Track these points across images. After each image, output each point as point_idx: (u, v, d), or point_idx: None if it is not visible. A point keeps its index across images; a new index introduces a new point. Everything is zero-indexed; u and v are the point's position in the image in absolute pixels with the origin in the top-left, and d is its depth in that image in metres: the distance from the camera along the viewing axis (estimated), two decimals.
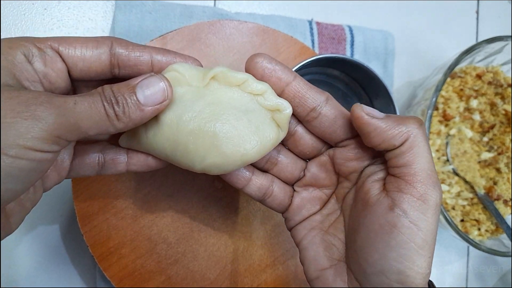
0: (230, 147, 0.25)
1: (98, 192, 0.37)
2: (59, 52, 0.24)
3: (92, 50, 0.25)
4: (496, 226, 0.48)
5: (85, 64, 0.25)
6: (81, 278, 0.43)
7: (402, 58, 0.52)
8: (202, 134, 0.25)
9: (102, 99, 0.22)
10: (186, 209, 0.39)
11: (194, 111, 0.25)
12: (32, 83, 0.23)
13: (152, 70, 0.26)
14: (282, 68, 0.26)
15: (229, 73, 0.26)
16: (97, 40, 0.25)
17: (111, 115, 0.22)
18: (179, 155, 0.26)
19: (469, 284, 0.53)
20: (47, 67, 0.24)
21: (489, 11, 0.55)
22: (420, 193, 0.23)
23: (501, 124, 0.49)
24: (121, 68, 0.26)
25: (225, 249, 0.40)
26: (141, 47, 0.26)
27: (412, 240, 0.23)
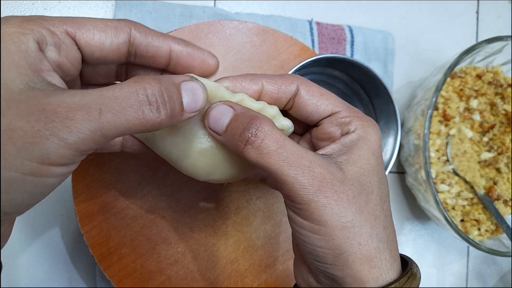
0: (237, 167, 0.26)
1: (98, 192, 0.37)
2: (76, 39, 0.22)
3: (111, 37, 0.23)
4: (496, 226, 0.48)
5: (103, 53, 0.23)
6: (81, 278, 0.43)
7: (402, 58, 0.52)
8: (214, 156, 0.25)
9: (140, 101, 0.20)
10: (186, 209, 0.39)
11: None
12: (48, 73, 0.21)
13: (169, 62, 0.25)
14: (247, 83, 0.26)
15: (248, 102, 0.25)
16: (116, 27, 0.23)
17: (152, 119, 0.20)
18: (185, 165, 0.26)
19: (469, 284, 0.53)
20: (61, 56, 0.22)
21: (489, 11, 0.55)
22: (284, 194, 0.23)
23: (501, 124, 0.49)
24: (137, 57, 0.25)
25: (225, 249, 0.40)
26: (160, 38, 0.24)
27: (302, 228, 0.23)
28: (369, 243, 0.23)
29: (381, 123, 0.43)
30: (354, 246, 0.23)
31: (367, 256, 0.23)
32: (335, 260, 0.23)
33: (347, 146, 0.25)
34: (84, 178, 0.37)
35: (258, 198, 0.41)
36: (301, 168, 0.22)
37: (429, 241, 0.53)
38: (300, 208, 0.23)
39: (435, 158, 0.47)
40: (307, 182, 0.22)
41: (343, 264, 0.23)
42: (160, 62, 0.25)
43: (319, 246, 0.23)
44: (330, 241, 0.22)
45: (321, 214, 0.22)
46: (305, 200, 0.22)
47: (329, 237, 0.22)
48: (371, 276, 0.23)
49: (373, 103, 0.44)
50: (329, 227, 0.22)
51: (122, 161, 0.37)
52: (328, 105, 0.26)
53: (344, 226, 0.22)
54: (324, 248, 0.23)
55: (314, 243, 0.23)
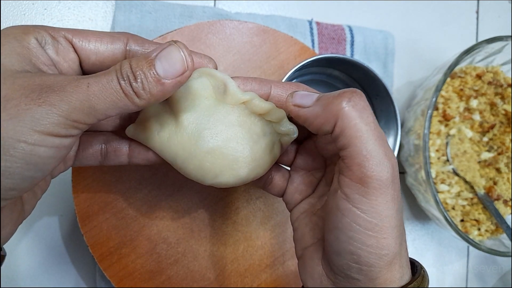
0: (247, 170, 0.26)
1: (98, 192, 0.37)
2: (73, 43, 0.24)
3: (106, 45, 0.24)
4: (496, 226, 0.48)
5: (98, 58, 0.24)
6: (81, 278, 0.43)
7: (402, 58, 0.52)
8: (222, 156, 0.25)
9: (118, 77, 0.21)
10: (186, 209, 0.39)
11: (216, 129, 0.25)
12: (49, 66, 0.23)
13: None
14: (257, 85, 0.26)
15: (257, 102, 0.26)
16: (113, 36, 0.24)
17: (129, 93, 0.21)
18: (191, 168, 0.26)
19: (469, 284, 0.53)
20: (59, 56, 0.23)
21: (489, 11, 0.55)
22: (357, 176, 0.22)
23: (501, 124, 0.49)
24: None
25: (225, 249, 0.40)
26: (157, 45, 0.25)
27: (356, 223, 0.22)
28: (402, 242, 0.23)
29: (381, 123, 0.43)
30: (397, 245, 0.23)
31: (400, 256, 0.23)
32: (378, 262, 0.22)
33: None
34: (84, 178, 0.37)
35: (258, 198, 0.41)
36: (389, 150, 0.22)
37: (429, 241, 0.53)
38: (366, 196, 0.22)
39: (435, 158, 0.47)
40: (389, 169, 0.22)
41: (384, 265, 0.22)
42: None
43: (368, 244, 0.22)
44: (381, 239, 0.22)
45: (385, 208, 0.22)
46: (381, 186, 0.22)
47: (382, 235, 0.22)
48: (398, 275, 0.23)
49: (373, 103, 0.44)
50: (386, 224, 0.22)
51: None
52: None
53: (395, 225, 0.22)
54: (372, 248, 0.22)
55: (364, 241, 0.22)
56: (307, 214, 0.28)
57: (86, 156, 0.27)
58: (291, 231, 0.41)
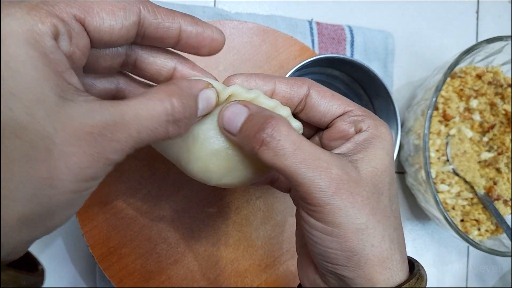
0: (253, 171, 0.26)
1: (98, 192, 0.37)
2: (85, 25, 0.20)
3: (121, 20, 0.21)
4: (496, 226, 0.48)
5: (112, 38, 0.22)
6: (81, 278, 0.43)
7: (402, 58, 0.52)
8: (227, 157, 0.25)
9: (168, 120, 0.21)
10: (186, 209, 0.39)
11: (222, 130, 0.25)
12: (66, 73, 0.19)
13: (178, 42, 0.24)
14: (261, 81, 0.26)
15: (262, 100, 0.25)
16: (125, 8, 0.21)
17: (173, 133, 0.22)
18: (195, 169, 0.25)
19: (469, 284, 0.53)
20: (72, 46, 0.20)
21: (489, 11, 0.55)
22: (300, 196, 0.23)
23: (501, 124, 0.49)
24: (145, 38, 0.24)
25: (225, 249, 0.40)
26: (170, 17, 0.23)
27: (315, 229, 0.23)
28: (381, 244, 0.23)
29: None
30: (367, 248, 0.22)
31: (379, 258, 0.23)
32: (347, 262, 0.23)
33: (361, 144, 0.25)
34: None
35: (258, 198, 0.41)
36: (318, 170, 0.22)
37: (429, 241, 0.53)
38: (314, 210, 0.22)
39: (435, 158, 0.47)
40: (324, 185, 0.22)
41: (355, 266, 0.23)
42: (168, 43, 0.25)
43: (331, 247, 0.23)
44: (343, 243, 0.22)
45: (335, 217, 0.22)
46: (320, 203, 0.22)
47: (342, 239, 0.22)
48: (382, 277, 0.23)
49: (373, 103, 0.44)
50: (343, 229, 0.22)
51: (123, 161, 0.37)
52: (341, 104, 0.26)
53: (358, 228, 0.22)
54: (336, 250, 0.22)
55: (326, 244, 0.23)
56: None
57: None
58: (291, 231, 0.41)
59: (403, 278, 0.24)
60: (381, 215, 0.23)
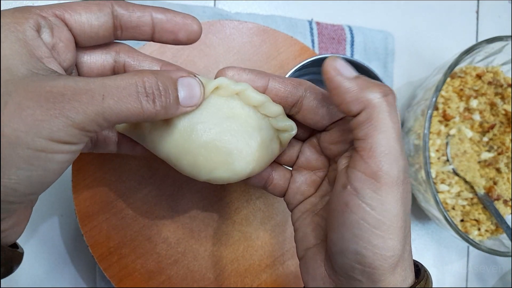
0: (242, 164, 0.25)
1: (98, 192, 0.37)
2: (65, 20, 0.23)
3: (96, 13, 0.24)
4: (496, 226, 0.48)
5: (93, 30, 0.24)
6: (81, 278, 0.43)
7: (402, 58, 0.52)
8: (215, 149, 0.25)
9: (138, 91, 0.21)
10: (186, 209, 0.39)
11: (210, 122, 0.25)
12: (47, 59, 0.22)
13: (154, 30, 0.26)
14: (253, 76, 0.26)
15: (251, 93, 0.25)
16: (98, 3, 0.24)
17: (148, 109, 0.22)
18: (185, 164, 0.25)
19: (469, 284, 0.53)
20: (55, 37, 0.23)
21: (489, 11, 0.55)
22: (372, 170, 0.22)
23: (501, 124, 0.49)
24: (124, 30, 0.25)
25: (225, 249, 0.40)
26: (141, 8, 0.25)
27: (364, 220, 0.22)
28: (406, 245, 0.23)
29: None
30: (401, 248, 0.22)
31: (403, 259, 0.23)
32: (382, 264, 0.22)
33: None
34: (84, 178, 0.37)
35: (258, 198, 0.41)
36: (403, 150, 0.22)
37: (429, 241, 0.53)
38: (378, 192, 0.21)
39: (435, 158, 0.47)
40: (402, 167, 0.22)
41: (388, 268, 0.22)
42: (145, 31, 0.26)
43: (374, 244, 0.22)
44: (388, 240, 0.22)
45: (394, 207, 0.21)
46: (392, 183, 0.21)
47: (388, 235, 0.22)
48: (400, 278, 0.23)
49: None
50: (394, 224, 0.22)
51: (122, 161, 0.37)
52: None
53: (401, 226, 0.22)
54: (377, 248, 0.22)
55: (370, 240, 0.22)
56: (309, 214, 0.28)
57: None
58: (291, 231, 0.41)
59: (412, 279, 0.24)
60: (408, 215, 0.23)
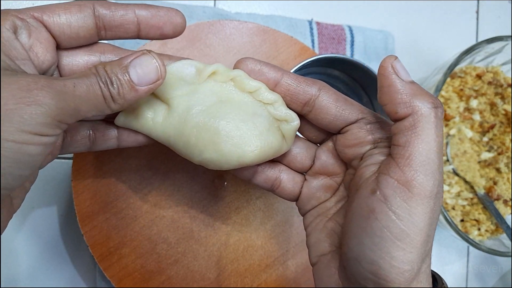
0: (229, 146, 0.25)
1: (98, 192, 0.37)
2: (43, 22, 0.23)
3: (76, 14, 0.24)
4: (496, 226, 0.48)
5: (73, 31, 0.24)
6: (81, 278, 0.43)
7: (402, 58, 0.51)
8: (205, 129, 0.25)
9: (98, 80, 0.22)
10: (186, 209, 0.39)
11: (203, 105, 0.25)
12: (22, 61, 0.22)
13: (139, 28, 0.25)
14: (268, 68, 0.26)
15: (245, 79, 0.25)
16: (79, 4, 0.24)
17: (107, 97, 0.22)
18: (181, 145, 0.26)
19: (469, 284, 0.53)
20: (32, 38, 0.23)
21: (489, 11, 0.55)
22: (406, 179, 0.21)
23: (501, 124, 0.49)
24: (108, 30, 0.25)
25: (225, 249, 0.40)
26: (123, 6, 0.25)
27: (388, 229, 0.21)
28: (426, 260, 0.22)
29: None
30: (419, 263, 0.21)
31: (420, 272, 0.22)
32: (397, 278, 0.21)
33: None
34: (84, 178, 0.37)
35: (258, 198, 0.41)
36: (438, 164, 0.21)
37: None
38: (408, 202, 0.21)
39: None
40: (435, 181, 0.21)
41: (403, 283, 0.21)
42: (131, 30, 0.25)
43: (393, 256, 0.21)
44: (408, 253, 0.21)
45: (421, 220, 0.21)
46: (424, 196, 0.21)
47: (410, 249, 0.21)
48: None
49: (373, 103, 0.44)
50: (418, 237, 0.21)
51: (122, 161, 0.37)
52: (355, 110, 0.25)
53: (424, 241, 0.21)
54: (395, 260, 0.21)
55: (389, 251, 0.21)
56: (322, 219, 0.27)
57: (74, 143, 0.27)
58: (291, 231, 0.41)
59: None
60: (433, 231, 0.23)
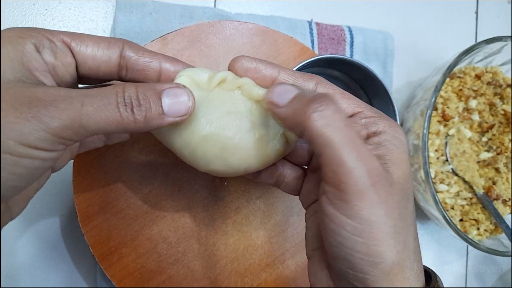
0: (236, 160, 0.26)
1: (99, 192, 0.37)
2: (70, 47, 0.24)
3: (103, 50, 0.25)
4: (495, 226, 0.48)
5: (95, 63, 0.25)
6: (82, 278, 0.43)
7: (401, 59, 0.52)
8: (212, 143, 0.25)
9: (118, 101, 0.21)
10: (186, 209, 0.39)
11: (212, 116, 0.25)
12: (42, 72, 0.23)
13: (160, 77, 0.26)
14: (264, 65, 0.26)
15: (253, 88, 0.25)
16: (109, 41, 0.25)
17: (127, 118, 0.21)
18: (186, 154, 0.26)
19: (469, 283, 0.54)
20: (57, 60, 0.23)
21: (488, 11, 0.55)
22: (333, 182, 0.21)
23: (500, 124, 0.49)
24: (129, 71, 0.26)
25: (225, 248, 0.40)
26: (151, 54, 0.26)
27: (344, 228, 0.21)
28: (405, 252, 0.22)
29: None
30: (393, 254, 0.21)
31: (401, 266, 0.22)
32: (372, 270, 0.21)
33: (383, 146, 0.23)
34: (85, 178, 0.37)
35: (258, 198, 0.41)
36: (363, 154, 0.20)
37: (428, 241, 0.53)
38: (347, 201, 0.21)
39: (434, 158, 0.47)
40: (364, 173, 0.20)
41: (380, 274, 0.21)
42: (150, 76, 0.26)
43: (358, 251, 0.21)
44: (371, 246, 0.21)
45: (370, 213, 0.20)
46: (358, 191, 0.20)
47: (371, 242, 0.21)
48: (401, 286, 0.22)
49: (372, 103, 0.44)
50: (374, 230, 0.21)
51: (123, 161, 0.38)
52: (351, 104, 0.25)
53: (388, 232, 0.21)
54: (362, 254, 0.21)
55: (353, 247, 0.21)
56: (319, 214, 0.28)
57: (92, 140, 0.28)
58: (291, 230, 0.42)
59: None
60: (406, 222, 0.22)
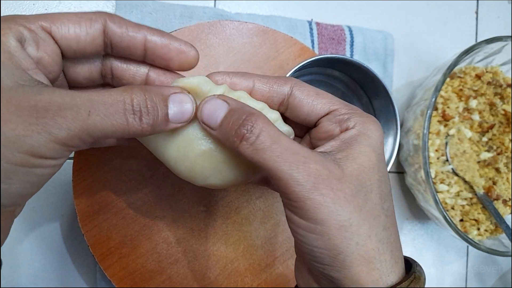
0: (235, 173, 0.26)
1: (99, 192, 0.37)
2: (52, 33, 0.23)
3: (86, 29, 0.23)
4: (496, 226, 0.48)
5: (80, 46, 0.24)
6: (82, 278, 0.43)
7: (401, 58, 0.52)
8: (211, 159, 0.25)
9: (125, 108, 0.21)
10: (186, 209, 0.39)
11: None
12: (33, 71, 0.22)
13: (145, 54, 0.25)
14: (239, 78, 0.26)
15: (248, 101, 0.25)
16: (91, 18, 0.23)
17: (134, 127, 0.21)
18: (183, 169, 0.26)
19: (469, 283, 0.54)
20: (40, 50, 0.22)
21: (488, 11, 0.55)
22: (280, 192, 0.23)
23: (500, 124, 0.49)
24: (114, 48, 0.25)
25: (225, 248, 0.40)
26: (135, 28, 0.24)
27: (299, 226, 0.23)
28: (367, 243, 0.22)
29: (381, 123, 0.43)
30: (352, 246, 0.22)
31: (365, 257, 0.22)
32: (332, 261, 0.22)
33: (346, 142, 0.24)
34: (85, 178, 0.37)
35: (258, 198, 0.41)
36: (295, 163, 0.22)
37: (428, 241, 0.53)
38: (296, 206, 0.22)
39: (435, 158, 0.47)
40: (301, 178, 0.21)
41: (341, 266, 0.22)
42: (136, 53, 0.25)
43: (316, 246, 0.22)
44: (326, 240, 0.22)
45: (316, 212, 0.22)
46: (300, 197, 0.22)
47: (326, 237, 0.22)
48: (370, 278, 0.22)
49: (372, 103, 0.44)
50: (325, 226, 0.22)
51: (123, 161, 0.38)
52: (325, 103, 0.26)
53: (341, 225, 0.22)
54: (321, 248, 0.22)
55: (311, 243, 0.22)
56: None
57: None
58: None
59: (395, 279, 0.23)
60: (367, 213, 0.23)
